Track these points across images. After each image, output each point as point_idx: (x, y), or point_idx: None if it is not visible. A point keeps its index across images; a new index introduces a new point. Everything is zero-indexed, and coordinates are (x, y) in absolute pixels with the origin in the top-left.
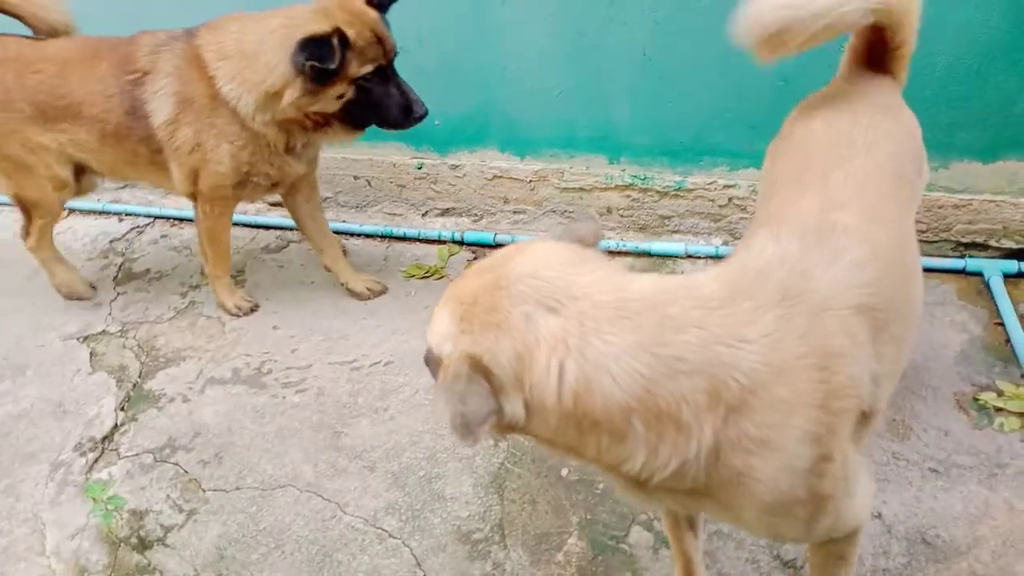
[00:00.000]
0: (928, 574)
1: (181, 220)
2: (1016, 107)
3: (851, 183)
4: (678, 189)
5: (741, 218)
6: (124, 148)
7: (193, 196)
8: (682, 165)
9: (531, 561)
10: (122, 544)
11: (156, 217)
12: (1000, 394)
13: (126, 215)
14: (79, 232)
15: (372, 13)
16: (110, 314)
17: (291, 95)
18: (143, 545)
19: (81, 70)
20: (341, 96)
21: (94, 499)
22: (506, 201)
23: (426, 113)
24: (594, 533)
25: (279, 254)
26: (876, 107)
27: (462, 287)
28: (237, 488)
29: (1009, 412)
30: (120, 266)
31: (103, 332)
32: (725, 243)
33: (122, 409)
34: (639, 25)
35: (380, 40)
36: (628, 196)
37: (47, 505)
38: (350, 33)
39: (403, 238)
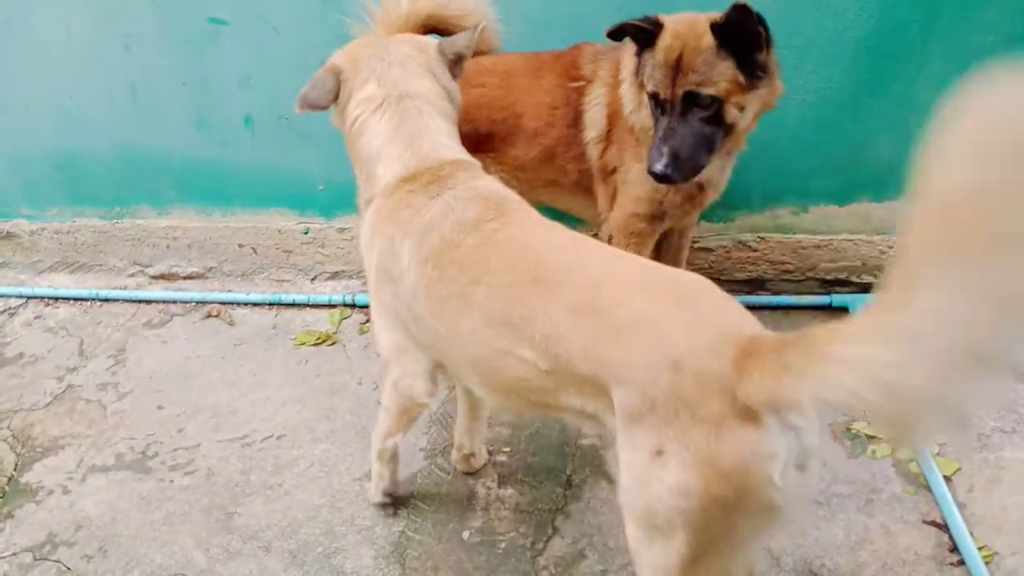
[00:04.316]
0: None
1: (56, 299)
2: (863, 153)
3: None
4: None
5: None
6: (554, 166)
7: (608, 238)
8: (564, 219)
9: None
10: None
11: (29, 297)
12: (871, 422)
13: None
14: None
15: (705, 41)
16: None
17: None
18: None
19: (526, 81)
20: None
21: None
22: None
23: (661, 173)
24: None
25: (162, 329)
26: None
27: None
28: None
29: (880, 439)
30: None
31: None
32: None
33: None
34: None
35: (675, 71)
36: None
37: None
38: (661, 41)
39: (292, 305)
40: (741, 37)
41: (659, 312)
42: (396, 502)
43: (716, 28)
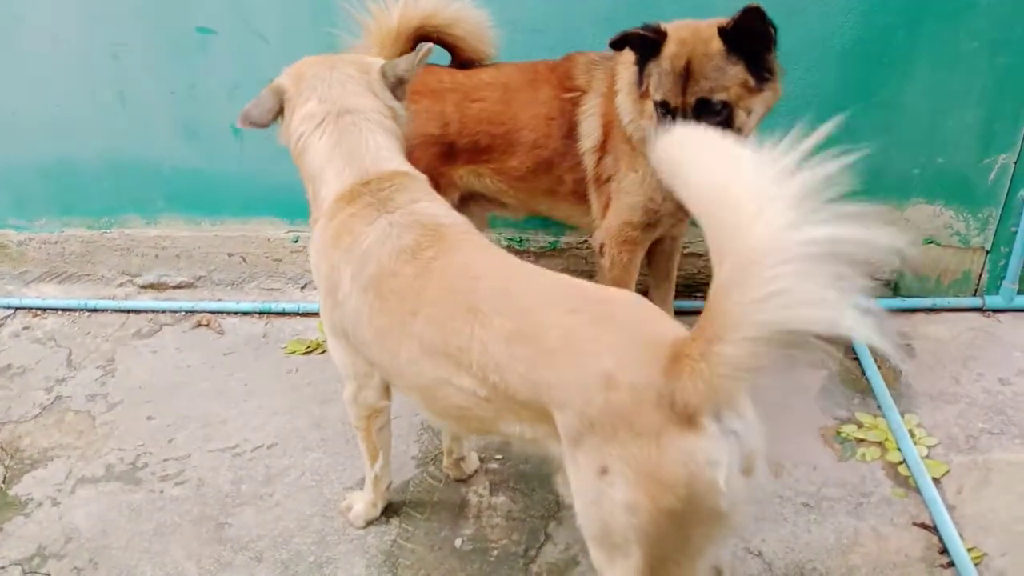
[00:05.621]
0: None
1: (44, 310)
2: (850, 159)
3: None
4: (552, 249)
5: None
6: (552, 176)
7: (600, 246)
8: (555, 227)
9: None
10: None
11: (17, 308)
12: (860, 426)
13: None
14: None
15: (714, 46)
16: None
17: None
18: None
19: (524, 94)
20: (653, 113)
21: None
22: None
23: None
24: None
25: (152, 339)
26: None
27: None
28: None
29: (869, 442)
30: None
31: None
32: None
33: None
34: None
35: (684, 78)
36: None
37: None
38: (666, 49)
39: (282, 313)
40: (751, 39)
41: (587, 331)
42: (388, 511)
43: (724, 32)
